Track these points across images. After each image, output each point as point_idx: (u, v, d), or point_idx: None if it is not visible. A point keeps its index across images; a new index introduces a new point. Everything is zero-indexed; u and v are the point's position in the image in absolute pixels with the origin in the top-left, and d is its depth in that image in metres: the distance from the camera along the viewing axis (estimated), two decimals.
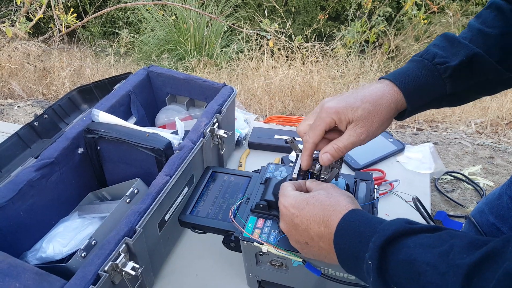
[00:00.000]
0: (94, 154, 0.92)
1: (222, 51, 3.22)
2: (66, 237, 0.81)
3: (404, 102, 0.57)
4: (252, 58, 2.74)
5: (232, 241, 0.68)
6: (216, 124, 0.95)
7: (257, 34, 3.00)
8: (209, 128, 0.91)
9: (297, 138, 1.24)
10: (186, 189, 0.85)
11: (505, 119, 1.93)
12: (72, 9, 3.34)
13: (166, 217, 0.79)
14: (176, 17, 3.28)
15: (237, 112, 1.25)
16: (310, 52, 2.75)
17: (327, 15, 3.60)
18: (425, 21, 3.18)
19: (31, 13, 3.21)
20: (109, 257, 0.62)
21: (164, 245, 0.83)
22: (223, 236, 0.70)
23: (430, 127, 1.83)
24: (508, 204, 0.64)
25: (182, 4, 3.21)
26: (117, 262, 0.63)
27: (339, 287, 0.63)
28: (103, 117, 0.91)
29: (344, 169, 1.11)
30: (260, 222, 0.65)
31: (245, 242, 0.64)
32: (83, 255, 0.69)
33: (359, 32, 3.06)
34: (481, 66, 0.56)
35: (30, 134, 1.00)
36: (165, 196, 0.74)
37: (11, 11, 3.32)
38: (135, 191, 0.82)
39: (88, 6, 3.88)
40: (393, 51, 3.02)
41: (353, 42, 3.01)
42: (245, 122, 1.29)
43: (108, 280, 0.62)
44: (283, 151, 1.17)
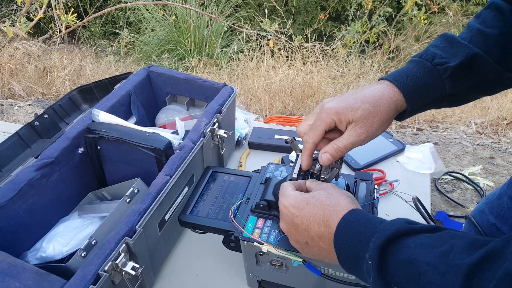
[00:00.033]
0: (94, 154, 0.92)
1: (222, 51, 3.22)
2: (66, 237, 0.81)
3: (404, 103, 0.57)
4: (253, 58, 2.74)
5: (232, 241, 0.68)
6: (216, 124, 0.95)
7: (258, 34, 3.00)
8: (209, 128, 0.91)
9: (297, 138, 1.24)
10: (186, 189, 0.85)
11: (506, 119, 1.93)
12: (72, 9, 3.35)
13: (166, 217, 0.79)
14: (177, 17, 3.29)
15: (237, 112, 1.25)
16: (310, 52, 2.75)
17: (328, 15, 3.60)
18: (426, 21, 3.18)
19: (31, 13, 3.21)
20: (109, 257, 0.62)
21: (164, 245, 0.83)
22: (223, 236, 0.70)
23: (430, 127, 1.83)
24: (508, 204, 0.64)
25: (183, 4, 3.21)
26: (117, 262, 0.63)
27: (339, 287, 0.63)
28: (104, 117, 0.91)
29: (344, 169, 1.11)
30: (260, 222, 0.65)
31: (245, 242, 0.64)
32: (83, 254, 0.69)
33: (359, 32, 3.06)
34: (481, 66, 0.56)
35: (30, 133, 1.00)
36: (165, 196, 0.74)
37: (11, 11, 3.32)
38: (135, 191, 0.82)
39: (89, 6, 3.89)
40: (393, 51, 3.02)
41: (354, 42, 3.01)
42: (245, 122, 1.29)
43: (108, 280, 0.62)
44: (283, 151, 1.17)
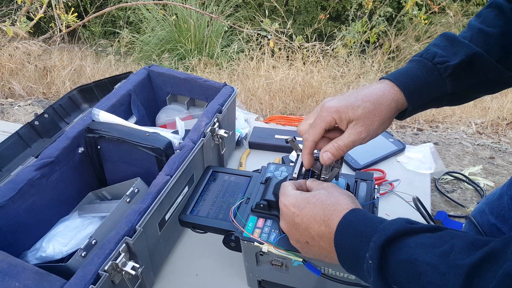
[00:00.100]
0: (94, 154, 0.92)
1: (222, 51, 3.22)
2: (66, 237, 0.81)
3: (404, 102, 0.57)
4: (253, 58, 2.74)
5: (233, 241, 0.68)
6: (217, 123, 0.95)
7: (258, 34, 3.00)
8: (210, 127, 0.91)
9: (298, 138, 1.24)
10: (187, 188, 0.85)
11: (506, 119, 1.93)
12: (72, 9, 3.34)
13: (166, 217, 0.78)
14: (177, 16, 3.29)
15: (237, 112, 1.25)
16: (311, 52, 2.75)
17: (328, 15, 3.60)
18: (426, 21, 3.18)
19: (31, 12, 3.21)
20: (109, 256, 0.62)
21: (164, 245, 0.82)
22: (223, 236, 0.70)
23: (431, 127, 1.83)
24: (508, 204, 0.64)
25: (183, 3, 3.21)
26: (117, 261, 0.63)
27: (339, 287, 0.63)
28: (104, 116, 0.91)
29: (345, 169, 1.11)
30: (261, 221, 0.65)
31: (245, 242, 0.64)
32: (83, 254, 0.69)
33: (359, 32, 3.06)
34: (481, 65, 0.56)
35: (30, 133, 1.00)
36: (165, 195, 0.74)
37: (12, 11, 3.32)
38: (135, 191, 0.82)
39: (89, 5, 3.88)
40: (393, 51, 3.02)
41: (354, 42, 3.01)
42: (245, 122, 1.29)
43: (108, 280, 0.62)
44: (284, 151, 1.17)
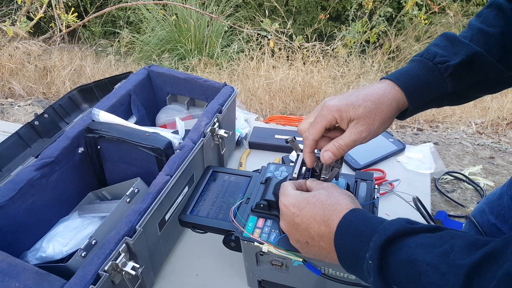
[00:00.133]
0: (94, 154, 0.92)
1: (222, 51, 3.22)
2: (66, 237, 0.81)
3: (405, 101, 0.57)
4: (253, 58, 2.74)
5: (233, 241, 0.68)
6: (217, 123, 0.95)
7: (258, 34, 3.00)
8: (210, 127, 0.91)
9: (298, 138, 1.24)
10: (187, 188, 0.85)
11: (506, 119, 1.93)
12: (72, 9, 3.34)
13: (167, 217, 0.78)
14: (177, 16, 3.29)
15: (237, 112, 1.25)
16: (311, 52, 2.75)
17: (328, 15, 3.60)
18: (426, 21, 3.18)
19: (32, 12, 3.21)
20: (109, 256, 0.62)
21: (164, 245, 0.82)
22: (223, 236, 0.70)
23: (431, 127, 1.83)
24: (508, 204, 0.64)
25: (183, 3, 3.21)
26: (117, 261, 0.63)
27: (339, 287, 0.63)
28: (104, 116, 0.91)
29: (345, 169, 1.11)
30: (261, 222, 0.65)
31: (245, 242, 0.64)
32: (83, 254, 0.69)
33: (359, 32, 3.06)
34: (482, 65, 0.56)
35: (30, 133, 1.00)
36: (165, 195, 0.74)
37: (12, 11, 3.32)
38: (135, 191, 0.82)
39: (89, 5, 3.88)
40: (393, 51, 3.02)
41: (354, 42, 3.01)
42: (245, 122, 1.29)
43: (108, 280, 0.62)
44: (284, 151, 1.17)
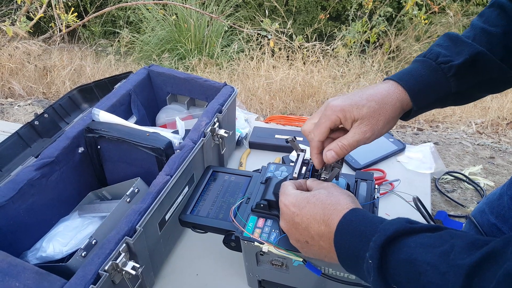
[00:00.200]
0: (94, 154, 0.92)
1: (222, 50, 3.22)
2: (66, 237, 0.81)
3: (409, 102, 0.56)
4: (253, 58, 2.74)
5: (233, 241, 0.68)
6: (217, 123, 0.94)
7: (258, 34, 3.00)
8: (210, 127, 0.91)
9: (298, 138, 1.24)
10: (187, 188, 0.85)
11: (506, 119, 1.93)
12: (72, 9, 3.34)
13: (167, 217, 0.78)
14: (177, 16, 3.29)
15: (237, 111, 1.25)
16: (311, 52, 2.75)
17: (328, 15, 3.60)
18: (426, 21, 3.18)
19: (31, 12, 3.21)
20: (109, 256, 0.62)
21: (165, 245, 0.82)
22: (223, 236, 0.70)
23: (431, 127, 1.83)
24: (508, 204, 0.64)
25: (183, 3, 3.21)
26: (117, 261, 0.63)
27: (339, 287, 0.63)
28: (104, 116, 0.91)
29: (345, 169, 1.10)
30: (261, 221, 0.65)
31: (245, 242, 0.64)
32: (83, 254, 0.69)
33: (359, 32, 3.06)
34: (485, 64, 0.56)
35: (30, 133, 1.00)
36: (165, 195, 0.74)
37: (11, 10, 3.32)
38: (136, 191, 0.82)
39: (89, 5, 3.88)
40: (393, 51, 3.01)
41: (354, 42, 3.01)
42: (245, 122, 1.29)
43: (108, 280, 0.62)
44: (284, 150, 1.17)
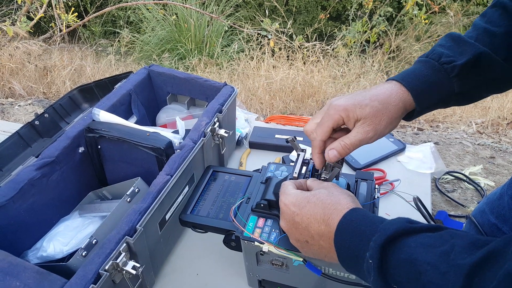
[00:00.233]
0: (94, 153, 0.92)
1: (223, 50, 3.22)
2: (66, 236, 0.81)
3: (412, 102, 0.56)
4: (253, 58, 2.74)
5: (233, 241, 0.68)
6: (217, 123, 0.95)
7: (258, 34, 3.00)
8: (210, 127, 0.91)
9: (298, 138, 1.23)
10: (187, 188, 0.85)
11: (506, 119, 1.93)
12: (73, 9, 3.35)
13: (167, 217, 0.79)
14: (177, 16, 3.29)
15: (238, 111, 1.25)
16: (311, 51, 2.75)
17: (328, 15, 3.60)
18: (426, 21, 3.18)
19: (32, 12, 3.21)
20: (110, 256, 0.62)
21: (165, 244, 0.83)
22: (223, 236, 0.70)
23: (431, 127, 1.83)
24: (509, 204, 0.64)
25: (183, 3, 3.21)
26: (118, 261, 0.63)
27: (339, 287, 0.63)
28: (104, 116, 0.91)
29: (345, 169, 1.10)
30: (261, 221, 0.65)
31: (245, 242, 0.64)
32: (83, 254, 0.69)
33: (360, 32, 3.05)
34: (488, 64, 0.56)
35: (30, 133, 1.00)
36: (165, 195, 0.74)
37: (12, 10, 3.32)
38: (136, 190, 0.82)
39: (89, 5, 3.89)
40: (394, 51, 3.01)
41: (354, 42, 3.01)
42: (245, 122, 1.29)
43: (109, 279, 0.62)
44: (284, 150, 1.17)
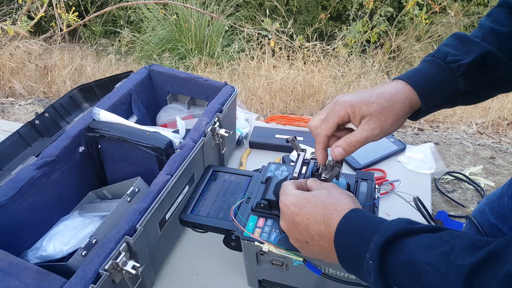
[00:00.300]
0: (95, 153, 0.92)
1: (223, 50, 3.22)
2: (66, 236, 0.81)
3: (418, 101, 0.56)
4: (253, 58, 2.74)
5: (233, 240, 0.68)
6: (217, 123, 0.94)
7: (259, 34, 3.00)
8: (210, 127, 0.91)
9: (298, 138, 1.24)
10: (187, 188, 0.85)
11: (506, 119, 1.93)
12: (73, 8, 3.35)
13: (167, 216, 0.78)
14: (177, 16, 3.29)
15: (238, 111, 1.25)
16: (311, 51, 2.75)
17: (329, 15, 3.60)
18: (427, 21, 3.18)
19: (32, 11, 3.21)
20: (110, 256, 0.62)
21: (165, 244, 0.82)
22: (223, 235, 0.70)
23: (431, 127, 1.83)
24: (509, 204, 0.64)
25: (184, 3, 3.21)
26: (118, 261, 0.63)
27: (339, 287, 0.63)
28: (104, 115, 0.91)
29: (345, 169, 1.10)
30: (261, 221, 0.65)
31: (245, 242, 0.64)
32: (83, 253, 0.69)
33: (360, 32, 3.05)
34: (494, 63, 0.56)
35: (31, 132, 1.00)
36: (165, 195, 0.74)
37: (12, 10, 3.32)
38: (136, 190, 0.82)
39: (90, 5, 3.88)
40: (394, 51, 3.01)
41: (355, 42, 3.01)
42: (246, 122, 1.29)
43: (109, 279, 0.62)
44: (284, 150, 1.17)
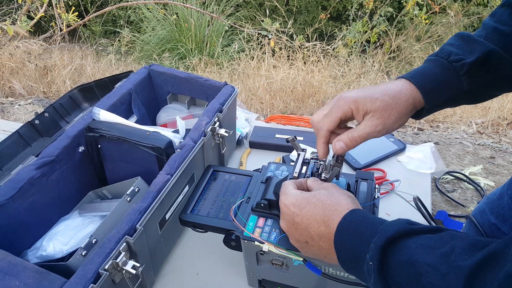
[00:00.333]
0: (95, 153, 0.92)
1: (223, 50, 3.22)
2: (66, 236, 0.81)
3: (421, 100, 0.56)
4: (253, 58, 2.74)
5: (233, 240, 0.68)
6: (217, 123, 0.94)
7: (259, 34, 3.00)
8: (210, 127, 0.91)
9: (298, 137, 1.24)
10: (187, 188, 0.85)
11: (506, 119, 1.93)
12: (73, 8, 3.34)
13: (167, 216, 0.78)
14: (177, 16, 3.29)
15: (238, 111, 1.25)
16: (311, 51, 2.75)
17: (329, 15, 3.60)
18: (427, 21, 3.18)
19: (32, 11, 3.21)
20: (110, 255, 0.62)
21: (165, 244, 0.82)
22: (223, 235, 0.70)
23: (431, 127, 1.83)
24: (509, 204, 0.64)
25: (184, 3, 3.21)
26: (118, 260, 0.63)
27: (339, 287, 0.63)
28: (104, 115, 0.91)
29: (345, 169, 1.10)
30: (261, 221, 0.65)
31: (245, 241, 0.64)
32: (83, 253, 0.69)
33: (360, 32, 3.05)
34: (498, 62, 0.56)
35: (30, 132, 1.00)
36: (166, 195, 0.74)
37: (12, 10, 3.32)
38: (136, 190, 0.82)
39: (90, 4, 3.88)
40: (394, 51, 3.01)
41: (354, 42, 3.01)
42: (246, 121, 1.29)
43: (109, 279, 0.62)
44: (284, 150, 1.17)
